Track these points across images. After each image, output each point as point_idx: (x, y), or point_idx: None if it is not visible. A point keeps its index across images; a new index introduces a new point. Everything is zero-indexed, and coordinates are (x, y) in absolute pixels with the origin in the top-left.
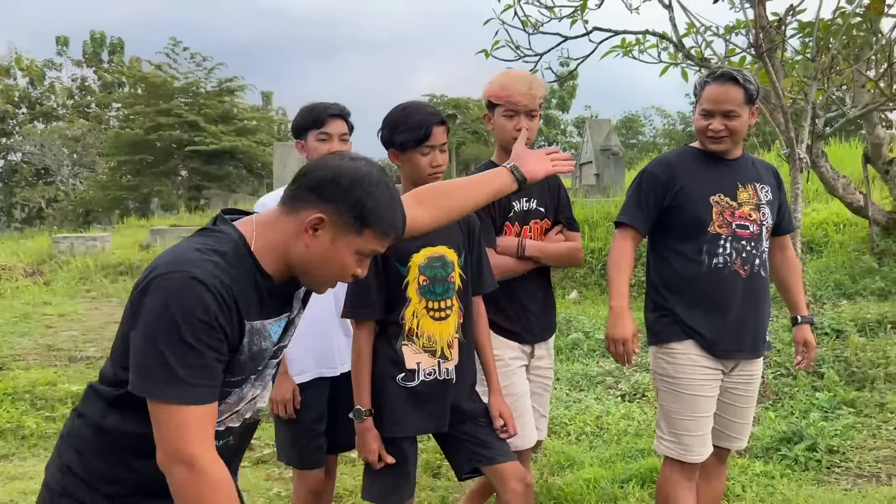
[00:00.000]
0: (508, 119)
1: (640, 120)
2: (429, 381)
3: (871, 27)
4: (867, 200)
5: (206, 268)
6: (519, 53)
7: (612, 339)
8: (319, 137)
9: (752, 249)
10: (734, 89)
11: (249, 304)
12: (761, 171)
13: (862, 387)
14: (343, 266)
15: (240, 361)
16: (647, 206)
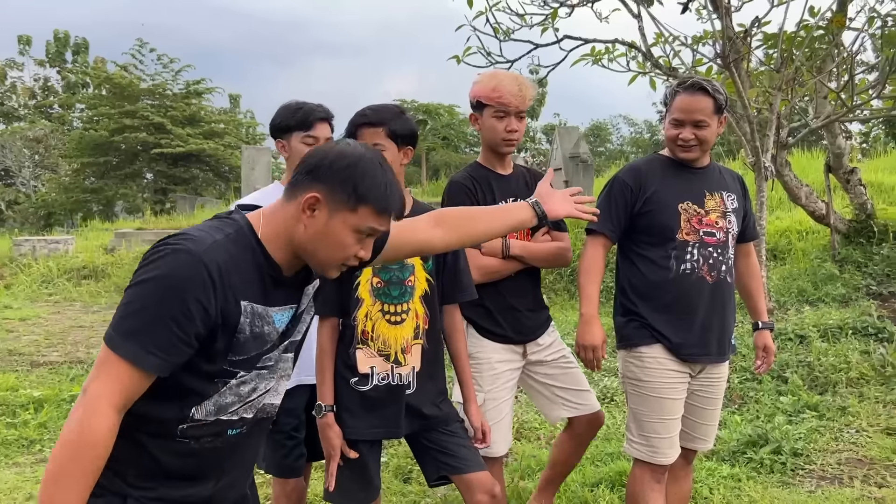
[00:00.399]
0: (498, 120)
1: (608, 128)
2: (382, 387)
3: (834, 40)
4: (829, 209)
5: (202, 243)
6: (490, 60)
7: (583, 345)
8: (305, 140)
9: (719, 256)
10: (704, 99)
11: (249, 285)
12: (728, 180)
13: (824, 391)
14: (341, 244)
15: (240, 341)
16: (618, 213)
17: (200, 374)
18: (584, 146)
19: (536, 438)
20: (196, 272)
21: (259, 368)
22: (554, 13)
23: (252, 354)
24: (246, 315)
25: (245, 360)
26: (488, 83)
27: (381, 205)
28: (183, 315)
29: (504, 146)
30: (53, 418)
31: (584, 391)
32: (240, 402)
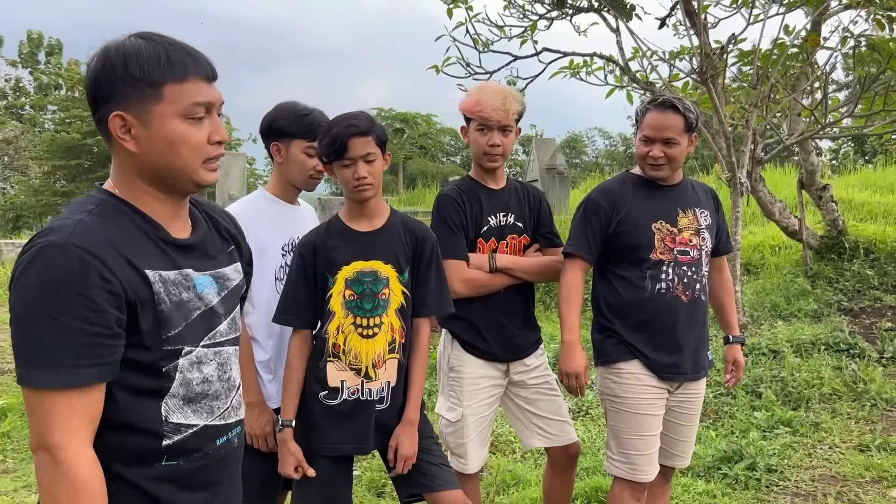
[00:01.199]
0: (481, 133)
1: (584, 140)
2: (351, 401)
3: (808, 59)
4: (801, 225)
5: (65, 230)
6: (469, 71)
7: (566, 372)
8: (308, 151)
9: (693, 274)
10: (674, 117)
11: (144, 252)
12: (700, 196)
13: (798, 406)
14: (183, 139)
15: (164, 313)
16: (593, 234)
17: (145, 367)
18: (561, 158)
19: (512, 452)
20: (74, 260)
21: (210, 345)
22: (533, 26)
23: (182, 326)
24: (158, 284)
25: (179, 334)
26: (473, 96)
27: (178, 73)
28: (89, 309)
29: (486, 160)
30: (17, 427)
31: (562, 421)
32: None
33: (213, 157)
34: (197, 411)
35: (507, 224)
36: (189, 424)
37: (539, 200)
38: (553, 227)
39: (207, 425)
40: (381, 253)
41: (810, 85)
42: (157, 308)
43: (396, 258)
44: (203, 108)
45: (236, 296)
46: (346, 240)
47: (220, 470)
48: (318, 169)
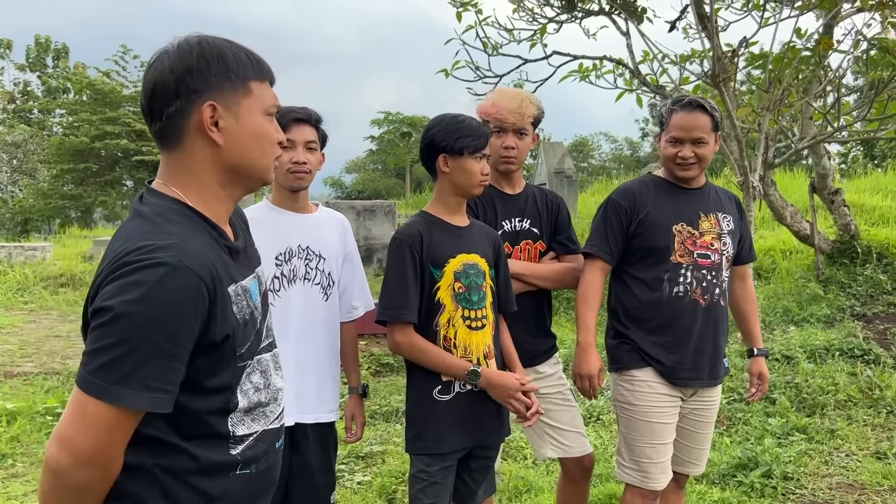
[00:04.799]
0: (497, 136)
1: (591, 144)
2: (464, 393)
3: (821, 62)
4: (813, 229)
5: (178, 249)
6: (479, 74)
7: (579, 374)
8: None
9: (713, 279)
10: (702, 116)
11: (224, 266)
12: (723, 201)
13: (812, 413)
14: (267, 134)
15: (238, 330)
16: (614, 235)
17: (223, 388)
18: (569, 162)
19: (523, 458)
20: (187, 285)
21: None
22: (542, 29)
23: (251, 339)
24: (236, 300)
25: (248, 347)
26: (489, 99)
27: (260, 73)
28: (187, 336)
29: (501, 164)
30: (27, 431)
31: (576, 432)
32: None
33: (276, 156)
34: (256, 419)
35: (521, 229)
36: (251, 433)
37: (558, 207)
38: (571, 233)
39: (267, 430)
40: (478, 247)
41: (823, 89)
42: (238, 326)
43: (487, 254)
44: (275, 108)
45: (267, 300)
46: (448, 233)
47: (277, 473)
48: (295, 161)
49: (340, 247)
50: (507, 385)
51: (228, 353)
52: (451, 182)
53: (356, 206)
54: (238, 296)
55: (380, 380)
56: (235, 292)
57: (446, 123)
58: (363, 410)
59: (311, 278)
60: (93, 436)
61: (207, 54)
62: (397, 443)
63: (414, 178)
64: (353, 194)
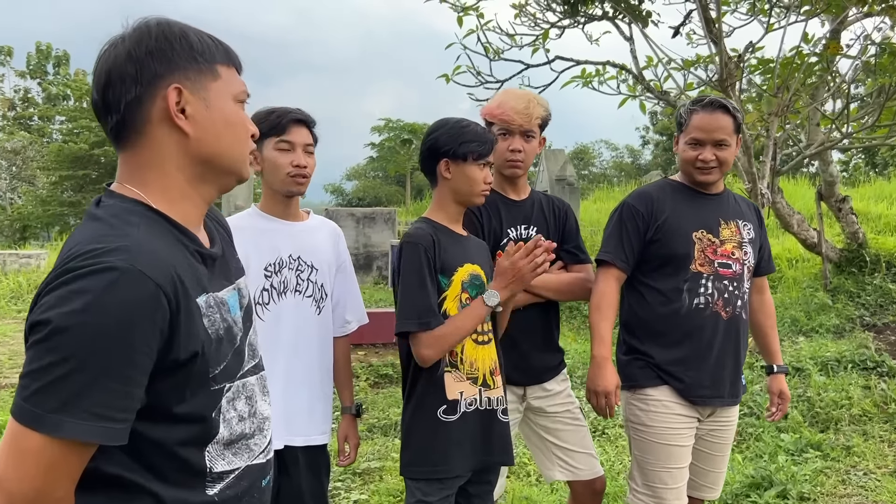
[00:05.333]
0: (502, 139)
1: (591, 151)
2: (470, 413)
3: (828, 67)
4: (821, 237)
5: (132, 251)
6: (480, 79)
7: (594, 391)
8: (280, 146)
9: (735, 290)
10: (724, 117)
11: (194, 274)
12: (743, 208)
13: (826, 428)
14: (240, 120)
15: (212, 347)
16: (630, 241)
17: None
18: (571, 169)
19: (526, 475)
20: (142, 294)
21: (241, 376)
22: (545, 34)
23: (229, 358)
24: (208, 312)
25: (225, 368)
26: (495, 99)
27: (226, 57)
28: (144, 355)
29: (507, 168)
30: None
31: (586, 454)
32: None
33: (251, 151)
34: (238, 452)
35: (528, 237)
36: (232, 469)
37: (565, 213)
38: (579, 241)
39: (250, 465)
40: (478, 258)
41: (831, 95)
42: (208, 342)
43: (486, 266)
44: (245, 96)
45: (250, 315)
46: (453, 241)
47: None
48: (296, 164)
49: (333, 257)
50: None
51: (199, 374)
52: (451, 189)
53: (356, 213)
54: (210, 308)
55: (378, 391)
56: (207, 303)
57: (450, 127)
58: (357, 431)
59: (302, 290)
60: (31, 475)
61: (168, 35)
62: (395, 458)
63: (414, 185)
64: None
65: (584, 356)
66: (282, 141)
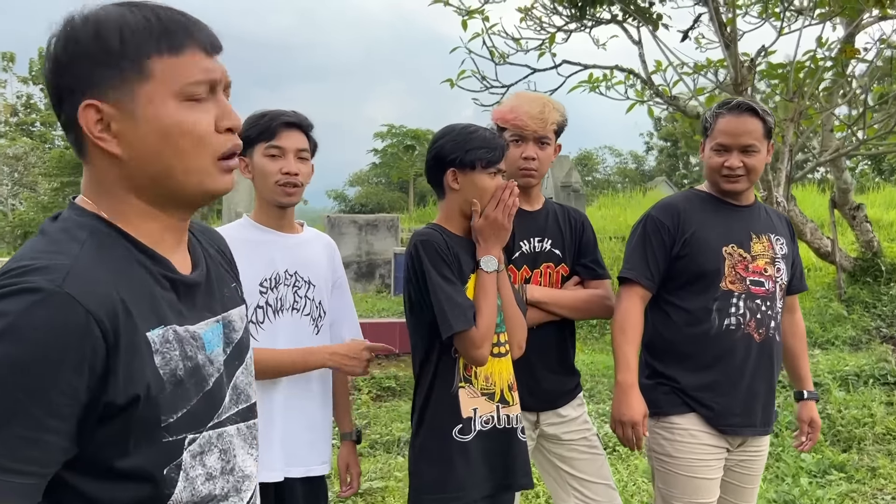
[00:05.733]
0: (515, 145)
1: (595, 157)
2: (486, 431)
3: (843, 71)
4: (834, 246)
5: (59, 270)
6: (485, 84)
7: (620, 421)
8: (269, 152)
9: (767, 310)
10: (752, 121)
11: (150, 302)
12: (775, 221)
13: (849, 447)
14: (183, 127)
15: (167, 391)
16: (654, 258)
17: (137, 474)
18: (576, 175)
19: (535, 496)
20: (66, 323)
21: (214, 426)
22: (551, 38)
23: (193, 404)
24: (163, 349)
25: (185, 417)
26: (507, 104)
27: (169, 43)
28: (64, 395)
29: (521, 176)
30: None
31: (604, 485)
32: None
33: (226, 152)
34: None
35: (542, 251)
36: None
37: (582, 226)
38: (597, 255)
39: None
40: None
41: (847, 101)
42: (158, 385)
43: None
44: (205, 86)
45: (242, 353)
46: (464, 249)
47: None
48: (286, 171)
49: (329, 272)
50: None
51: (143, 421)
52: (461, 200)
53: (358, 220)
54: (168, 343)
55: (380, 405)
56: (164, 338)
57: (456, 134)
58: (357, 458)
59: (300, 308)
60: None
61: (80, 36)
62: (399, 477)
63: (417, 191)
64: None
65: (591, 368)
66: (271, 146)
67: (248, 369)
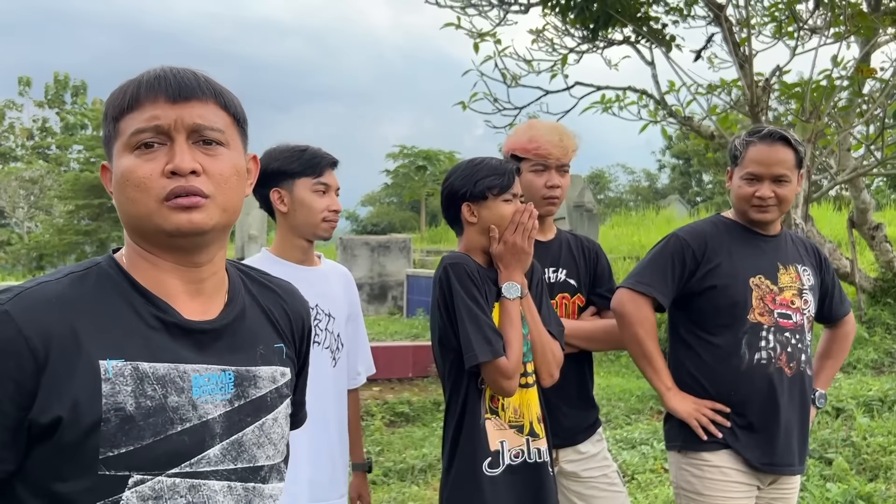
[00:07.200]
0: (537, 174)
1: (607, 176)
2: (517, 465)
3: (860, 90)
4: (854, 266)
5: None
6: (498, 106)
7: (680, 418)
8: (317, 188)
9: (797, 343)
10: (784, 150)
11: (118, 334)
12: (801, 251)
13: (875, 476)
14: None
15: (111, 422)
16: (674, 276)
17: (66, 498)
18: (589, 195)
19: None
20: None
21: (184, 475)
22: (564, 59)
23: (147, 443)
24: (116, 381)
25: (134, 453)
26: (524, 134)
27: (131, 100)
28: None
29: (544, 205)
30: None
31: None
32: None
33: (167, 194)
34: None
35: (556, 281)
36: None
37: (596, 255)
38: (613, 284)
39: None
40: None
41: (865, 120)
42: (89, 412)
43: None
44: (150, 133)
45: (259, 412)
46: (485, 278)
47: None
48: (333, 209)
49: (346, 304)
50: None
51: (78, 449)
52: (480, 231)
53: (370, 241)
54: (121, 377)
55: (394, 431)
56: (118, 371)
57: (463, 169)
58: (369, 488)
59: (320, 341)
60: None
61: (107, 101)
62: None
63: (429, 210)
64: (368, 227)
65: (607, 392)
66: (319, 183)
67: (267, 432)
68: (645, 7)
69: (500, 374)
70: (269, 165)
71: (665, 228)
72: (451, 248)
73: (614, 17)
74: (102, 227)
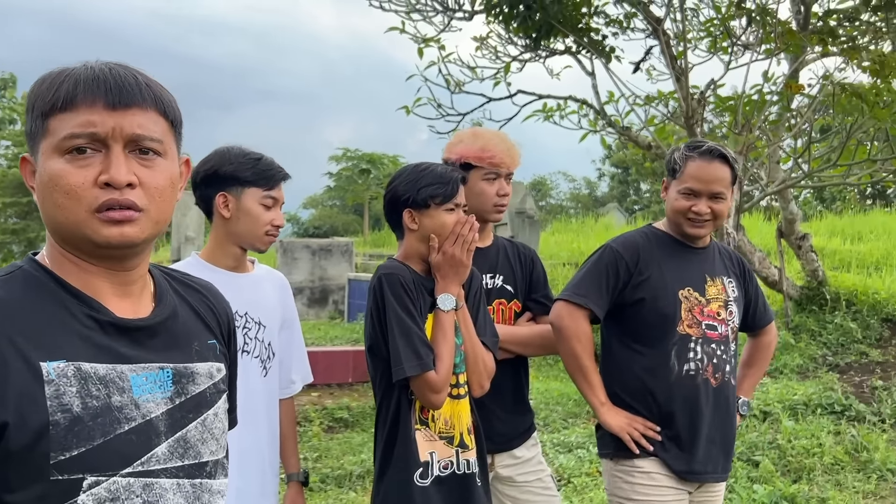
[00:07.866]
0: (489, 183)
1: (548, 183)
2: (445, 476)
3: (788, 105)
4: (782, 275)
5: None
6: (441, 112)
7: (612, 432)
8: (265, 201)
9: (723, 354)
10: (722, 168)
11: (55, 336)
12: (727, 263)
13: (799, 478)
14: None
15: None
16: (608, 288)
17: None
18: (531, 202)
19: None
20: None
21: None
22: (507, 67)
23: (98, 443)
24: (60, 383)
25: (86, 455)
26: (474, 143)
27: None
28: None
29: (495, 212)
30: None
31: None
32: None
33: (100, 206)
34: None
35: (494, 287)
36: None
37: (532, 261)
38: (548, 291)
39: None
40: None
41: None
42: (49, 416)
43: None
44: (86, 139)
45: (200, 408)
46: (424, 287)
47: None
48: (276, 224)
49: (280, 311)
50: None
51: (27, 455)
52: (419, 239)
53: (312, 244)
54: (64, 378)
55: (332, 437)
56: (61, 372)
57: (408, 174)
58: (304, 500)
59: (249, 350)
60: None
61: (31, 90)
62: None
63: (372, 214)
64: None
65: (545, 396)
66: (269, 196)
67: (209, 427)
68: (586, 18)
69: (428, 388)
70: (222, 168)
71: (604, 236)
72: (394, 252)
73: (556, 27)
74: (31, 226)
